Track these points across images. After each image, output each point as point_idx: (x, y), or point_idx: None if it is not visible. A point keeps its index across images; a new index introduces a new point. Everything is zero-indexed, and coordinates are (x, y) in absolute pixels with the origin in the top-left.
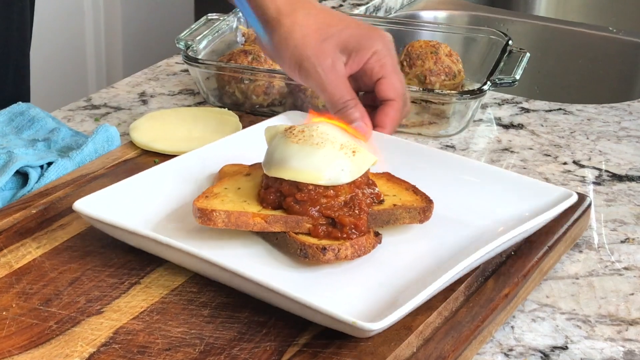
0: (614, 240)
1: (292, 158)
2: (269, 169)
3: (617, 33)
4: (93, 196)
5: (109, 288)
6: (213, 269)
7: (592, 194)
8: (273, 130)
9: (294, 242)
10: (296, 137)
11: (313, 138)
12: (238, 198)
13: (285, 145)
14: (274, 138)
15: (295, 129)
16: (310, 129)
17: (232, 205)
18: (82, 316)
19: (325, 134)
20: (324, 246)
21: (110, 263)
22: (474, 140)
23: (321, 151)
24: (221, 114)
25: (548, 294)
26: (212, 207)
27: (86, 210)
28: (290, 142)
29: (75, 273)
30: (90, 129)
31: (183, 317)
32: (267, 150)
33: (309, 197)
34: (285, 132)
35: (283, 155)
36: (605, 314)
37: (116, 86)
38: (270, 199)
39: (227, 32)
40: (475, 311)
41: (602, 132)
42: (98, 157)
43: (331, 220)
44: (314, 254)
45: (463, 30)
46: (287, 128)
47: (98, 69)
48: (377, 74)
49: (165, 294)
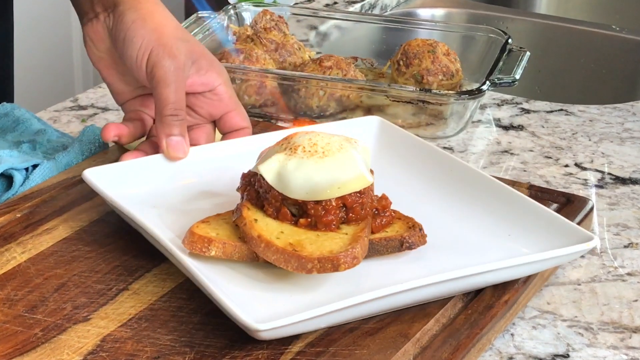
0: (617, 245)
1: (325, 173)
2: (300, 194)
3: (621, 31)
4: (105, 168)
5: (96, 294)
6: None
7: (594, 197)
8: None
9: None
10: (303, 154)
11: (317, 147)
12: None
13: (300, 166)
14: (270, 165)
15: (287, 146)
16: (302, 141)
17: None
18: (69, 323)
19: (323, 139)
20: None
21: (98, 269)
22: (472, 142)
23: (341, 155)
24: None
25: (549, 301)
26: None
27: (94, 181)
28: (302, 160)
29: (62, 279)
30: (76, 130)
31: (172, 324)
32: (276, 180)
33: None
34: (284, 154)
35: (309, 176)
36: (608, 321)
37: (103, 86)
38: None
39: (217, 30)
40: (473, 318)
41: (604, 133)
42: (85, 159)
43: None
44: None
45: (461, 28)
46: (277, 150)
47: (85, 69)
48: (228, 106)
49: (154, 300)
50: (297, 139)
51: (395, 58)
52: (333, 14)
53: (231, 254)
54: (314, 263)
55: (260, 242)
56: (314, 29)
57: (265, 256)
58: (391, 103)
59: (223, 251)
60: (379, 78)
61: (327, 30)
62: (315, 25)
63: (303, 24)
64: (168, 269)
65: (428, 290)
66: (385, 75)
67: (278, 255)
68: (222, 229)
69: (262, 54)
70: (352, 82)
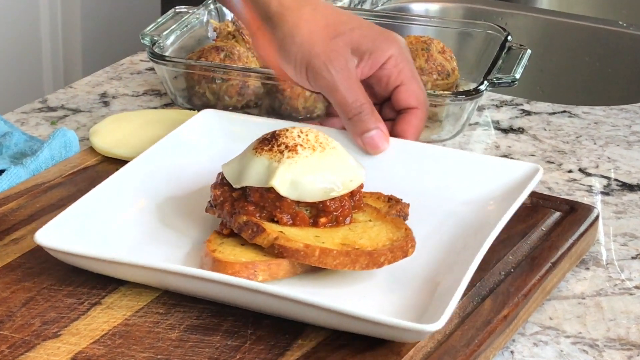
0: (624, 257)
1: (333, 168)
2: (318, 195)
3: (628, 27)
4: (54, 223)
5: (66, 309)
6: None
7: (600, 205)
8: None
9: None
10: (304, 152)
11: (312, 142)
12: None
13: (308, 167)
14: (252, 169)
15: (281, 149)
16: (293, 138)
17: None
18: (37, 340)
19: (309, 132)
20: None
21: (68, 281)
22: (469, 146)
23: (332, 147)
24: (190, 116)
25: (551, 316)
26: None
27: (51, 244)
28: (307, 160)
29: (30, 292)
30: (46, 134)
31: (148, 340)
32: (291, 189)
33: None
34: (286, 158)
35: (322, 176)
36: (614, 338)
37: (74, 86)
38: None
39: (197, 26)
40: (470, 334)
41: (611, 136)
42: (55, 165)
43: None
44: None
45: (457, 24)
46: (273, 157)
47: (54, 67)
48: (395, 81)
49: (128, 315)
50: (285, 139)
51: None
52: None
53: (276, 273)
54: (386, 255)
55: (312, 251)
56: None
57: (323, 264)
58: None
59: (269, 273)
60: None
61: None
62: None
63: None
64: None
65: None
66: None
67: (341, 258)
68: (235, 250)
69: (244, 52)
70: None
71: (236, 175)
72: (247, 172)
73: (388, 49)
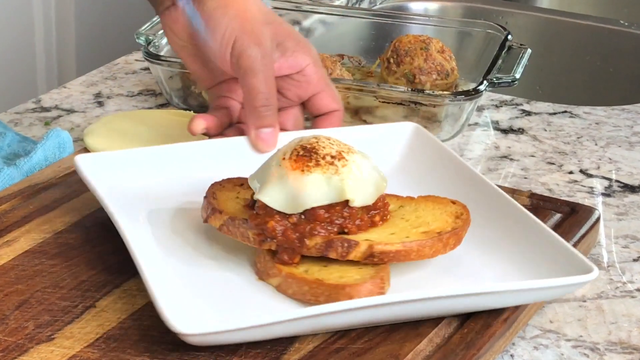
0: (626, 259)
1: (369, 170)
2: (367, 200)
3: (630, 27)
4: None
5: (60, 312)
6: None
7: (601, 206)
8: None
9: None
10: (342, 162)
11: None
12: None
13: (353, 174)
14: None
15: (316, 162)
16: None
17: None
18: (31, 343)
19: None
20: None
21: (62, 284)
22: (468, 147)
23: (357, 150)
24: (186, 117)
25: (552, 319)
26: None
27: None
28: (347, 169)
29: (23, 295)
30: (39, 134)
31: (144, 344)
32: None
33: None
34: (322, 170)
35: (363, 177)
36: (615, 341)
37: (69, 86)
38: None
39: None
40: (470, 338)
41: (612, 137)
42: (48, 166)
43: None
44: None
45: (457, 23)
46: (301, 169)
47: (48, 67)
48: (316, 87)
49: (123, 318)
50: (324, 149)
51: (385, 56)
52: (317, 8)
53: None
54: (462, 228)
55: (409, 249)
56: (296, 24)
57: (421, 256)
58: (380, 104)
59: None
60: (368, 77)
61: (311, 26)
62: (298, 20)
63: (285, 19)
64: (138, 285)
65: (388, 309)
66: (374, 75)
67: (436, 246)
68: (330, 271)
69: None
70: (338, 81)
71: (290, 202)
72: (304, 195)
73: (308, 53)
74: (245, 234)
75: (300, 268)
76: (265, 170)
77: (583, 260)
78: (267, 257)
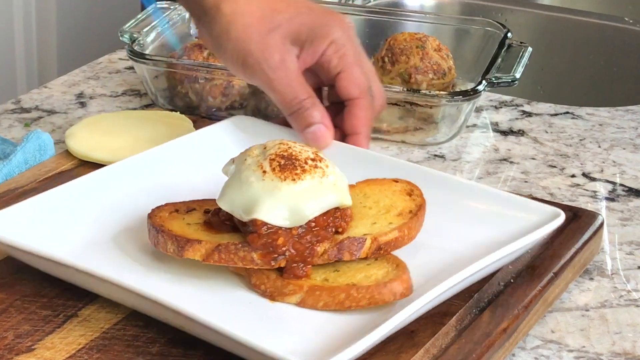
0: (630, 266)
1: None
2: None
3: (634, 24)
4: (7, 212)
5: (41, 321)
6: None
7: (604, 211)
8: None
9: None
10: (325, 165)
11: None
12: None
13: (340, 175)
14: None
15: (302, 169)
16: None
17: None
18: (10, 354)
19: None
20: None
21: (43, 292)
22: (467, 149)
23: (332, 169)
24: (172, 118)
25: (553, 328)
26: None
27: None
28: (332, 171)
29: (2, 304)
30: (19, 136)
31: (128, 355)
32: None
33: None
34: (311, 176)
35: (344, 176)
36: (619, 352)
37: (50, 86)
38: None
39: (178, 23)
40: (468, 348)
41: (616, 139)
42: (29, 169)
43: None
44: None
45: (454, 20)
46: (291, 178)
47: (28, 66)
48: (336, 68)
49: (106, 328)
50: (301, 154)
51: (379, 54)
52: None
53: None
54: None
55: (403, 234)
56: None
57: (411, 239)
58: None
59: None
60: None
61: None
62: None
63: None
64: None
65: None
66: None
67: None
68: (337, 273)
69: None
70: None
71: (292, 215)
72: (304, 205)
73: (328, 34)
74: (248, 257)
75: (318, 278)
76: (243, 190)
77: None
78: (273, 277)
